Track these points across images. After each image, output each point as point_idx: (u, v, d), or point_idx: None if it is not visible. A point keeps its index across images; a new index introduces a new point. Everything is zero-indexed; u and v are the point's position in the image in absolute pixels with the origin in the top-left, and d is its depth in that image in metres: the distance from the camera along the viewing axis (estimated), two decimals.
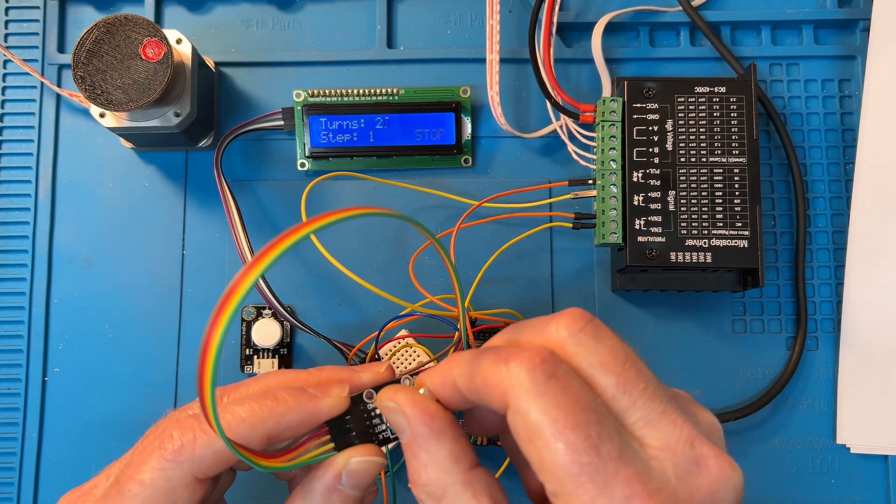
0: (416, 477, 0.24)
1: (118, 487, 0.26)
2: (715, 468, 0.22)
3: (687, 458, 0.21)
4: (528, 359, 0.22)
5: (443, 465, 0.24)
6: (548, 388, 0.21)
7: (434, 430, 0.24)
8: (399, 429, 0.25)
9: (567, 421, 0.21)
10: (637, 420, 0.22)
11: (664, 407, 0.22)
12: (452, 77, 0.43)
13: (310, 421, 0.27)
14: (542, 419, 0.21)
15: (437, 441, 0.24)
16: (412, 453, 0.24)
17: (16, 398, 0.40)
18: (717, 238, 0.37)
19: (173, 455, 0.25)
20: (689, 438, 0.22)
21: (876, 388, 0.40)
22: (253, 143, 0.42)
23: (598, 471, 0.20)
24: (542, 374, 0.21)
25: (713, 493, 0.21)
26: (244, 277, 0.20)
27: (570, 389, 0.21)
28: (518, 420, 0.22)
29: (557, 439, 0.21)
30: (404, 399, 0.25)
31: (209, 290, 0.41)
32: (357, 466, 0.27)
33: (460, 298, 0.29)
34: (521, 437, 0.22)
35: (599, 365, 0.22)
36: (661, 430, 0.22)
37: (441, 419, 0.25)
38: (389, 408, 0.25)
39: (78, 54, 0.35)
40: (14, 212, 0.42)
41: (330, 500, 0.26)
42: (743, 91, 0.38)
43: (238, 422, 0.26)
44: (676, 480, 0.21)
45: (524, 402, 0.21)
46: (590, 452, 0.20)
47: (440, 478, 0.24)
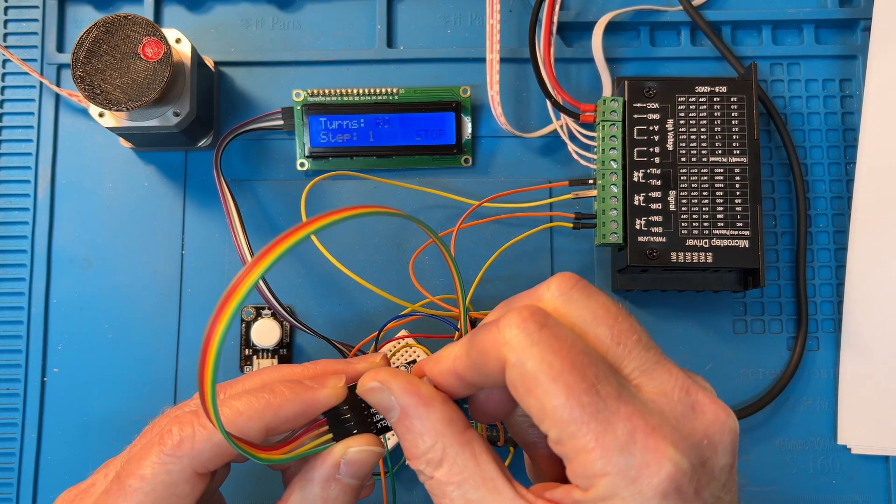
0: (413, 450, 0.24)
1: (119, 483, 0.26)
2: (710, 413, 0.22)
3: (683, 402, 0.22)
4: (516, 315, 0.22)
5: (438, 430, 0.24)
6: (540, 337, 0.22)
7: (423, 398, 0.24)
8: (386, 408, 0.25)
9: (563, 364, 0.21)
10: (633, 369, 0.23)
11: (658, 357, 0.23)
12: (452, 77, 0.43)
13: (307, 412, 0.27)
14: (539, 366, 0.21)
15: (428, 407, 0.24)
16: (405, 428, 0.24)
17: (15, 398, 0.40)
18: (717, 238, 0.37)
19: (173, 450, 0.25)
20: (684, 385, 0.22)
21: (877, 388, 0.40)
22: (252, 143, 0.42)
23: (598, 409, 0.21)
24: (533, 325, 0.22)
25: (709, 436, 0.22)
26: (248, 273, 0.20)
27: (562, 336, 0.22)
28: (515, 374, 0.22)
29: (555, 382, 0.21)
30: (386, 375, 0.25)
31: (209, 291, 0.41)
32: (355, 456, 0.27)
33: (461, 295, 0.29)
34: (519, 390, 0.22)
35: (592, 318, 0.23)
36: (657, 378, 0.22)
37: (426, 388, 0.25)
38: (373, 388, 0.25)
39: (77, 54, 0.35)
40: (13, 212, 0.42)
41: (328, 489, 0.27)
42: (744, 91, 0.38)
43: (236, 415, 0.26)
44: (675, 421, 0.22)
45: (519, 354, 0.22)
46: (589, 392, 0.21)
47: (437, 442, 0.24)
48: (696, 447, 0.22)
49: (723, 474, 0.22)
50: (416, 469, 0.24)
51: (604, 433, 0.21)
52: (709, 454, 0.22)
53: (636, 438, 0.21)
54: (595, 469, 0.21)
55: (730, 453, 0.22)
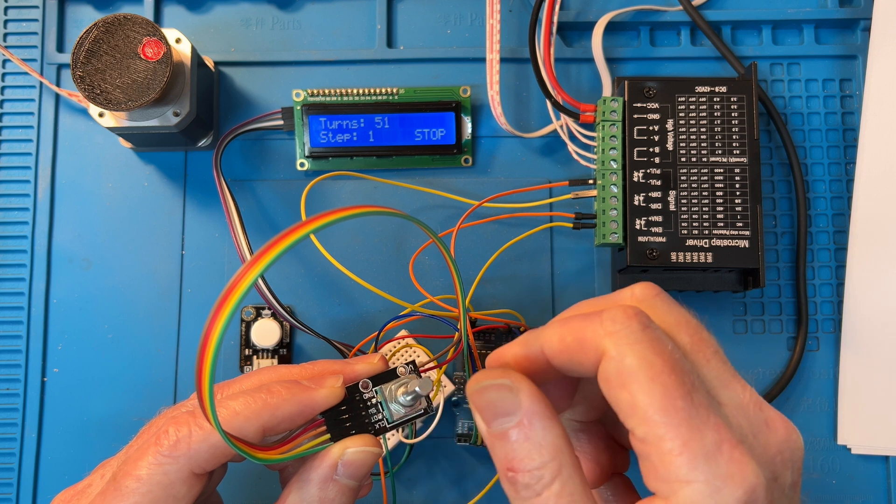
0: (525, 461, 0.22)
1: (115, 484, 0.26)
2: (782, 430, 0.23)
3: (758, 418, 0.23)
4: (622, 311, 0.22)
5: (559, 446, 0.22)
6: (643, 336, 0.22)
7: (549, 409, 0.23)
8: (505, 410, 0.23)
9: (664, 366, 0.21)
10: (712, 379, 0.23)
11: (733, 372, 0.23)
12: (452, 77, 0.43)
13: (304, 412, 0.27)
14: (640, 362, 0.21)
15: (553, 420, 0.23)
16: (524, 436, 0.22)
17: (15, 398, 0.40)
18: (717, 238, 0.37)
19: (169, 450, 0.25)
20: (757, 401, 0.23)
21: (877, 388, 0.40)
22: (252, 143, 0.42)
23: (691, 416, 0.21)
24: (637, 324, 0.22)
25: (781, 453, 0.22)
26: (247, 272, 0.20)
27: (664, 341, 0.22)
28: (612, 366, 0.22)
29: (654, 381, 0.21)
30: (518, 377, 0.23)
31: (208, 290, 0.41)
32: (353, 457, 0.27)
33: (461, 296, 0.29)
34: (612, 383, 0.22)
35: (675, 324, 0.23)
36: (733, 391, 0.23)
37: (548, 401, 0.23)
38: (501, 385, 0.23)
39: (77, 54, 0.35)
40: (13, 212, 0.42)
41: (326, 490, 0.26)
42: (744, 91, 0.38)
43: (233, 415, 0.26)
44: (752, 437, 0.22)
45: (621, 347, 0.22)
46: (686, 398, 0.21)
47: (556, 458, 0.22)
48: (771, 463, 0.22)
49: (790, 491, 0.23)
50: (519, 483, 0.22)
51: (692, 440, 0.21)
52: (780, 471, 0.22)
53: (723, 449, 0.21)
54: (679, 474, 0.21)
55: (796, 471, 0.23)
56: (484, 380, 0.24)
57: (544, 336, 0.24)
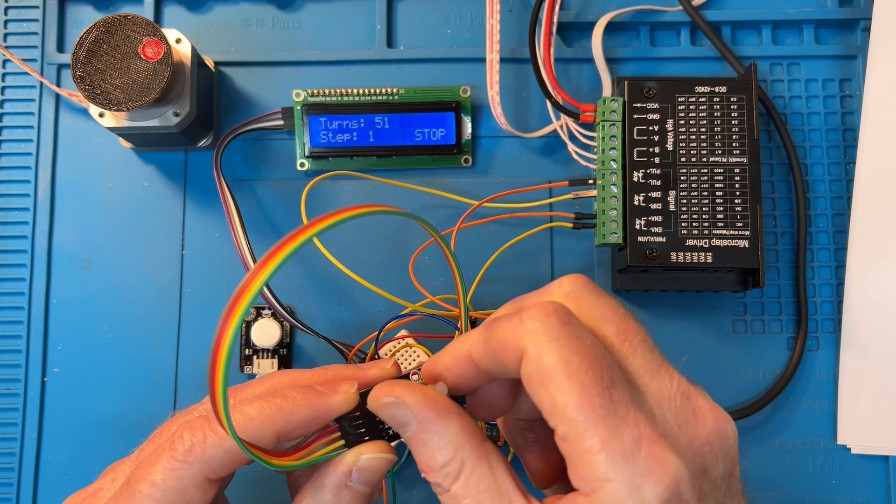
0: (430, 463, 0.24)
1: (129, 488, 0.26)
2: (711, 420, 0.22)
3: (685, 408, 0.22)
4: (541, 308, 0.22)
5: (456, 442, 0.24)
6: (562, 333, 0.22)
7: (440, 411, 0.24)
8: (401, 422, 0.25)
9: (581, 363, 0.21)
10: (637, 369, 0.23)
11: (661, 361, 0.23)
12: (452, 77, 0.43)
13: (319, 418, 0.27)
14: (557, 361, 0.22)
15: (446, 421, 0.24)
16: (421, 441, 0.24)
17: (15, 398, 0.40)
18: (717, 238, 0.37)
19: (184, 455, 0.25)
20: (685, 391, 0.23)
21: (877, 388, 0.40)
22: (252, 143, 0.42)
23: (609, 412, 0.21)
24: (555, 321, 0.22)
25: (710, 443, 0.22)
26: (256, 276, 0.20)
27: (583, 336, 0.22)
28: (532, 366, 0.22)
29: (571, 380, 0.21)
30: (401, 389, 0.25)
31: (208, 291, 0.41)
32: (367, 463, 0.27)
33: (462, 293, 0.29)
34: (533, 382, 0.22)
35: (601, 316, 0.23)
36: (659, 382, 0.23)
37: (443, 400, 0.25)
38: (387, 403, 0.25)
39: (77, 54, 0.35)
40: (13, 212, 0.42)
41: (340, 496, 0.26)
42: (743, 91, 0.38)
43: (247, 420, 0.26)
44: (678, 428, 0.22)
45: (540, 347, 0.22)
46: (603, 395, 0.21)
47: (456, 455, 0.24)
48: (698, 454, 0.22)
49: (723, 481, 0.22)
50: (433, 482, 0.24)
51: (611, 437, 0.21)
52: (710, 461, 0.22)
53: (641, 446, 0.21)
54: (598, 472, 0.21)
55: (730, 460, 0.23)
56: (373, 401, 0.26)
57: (470, 341, 0.25)
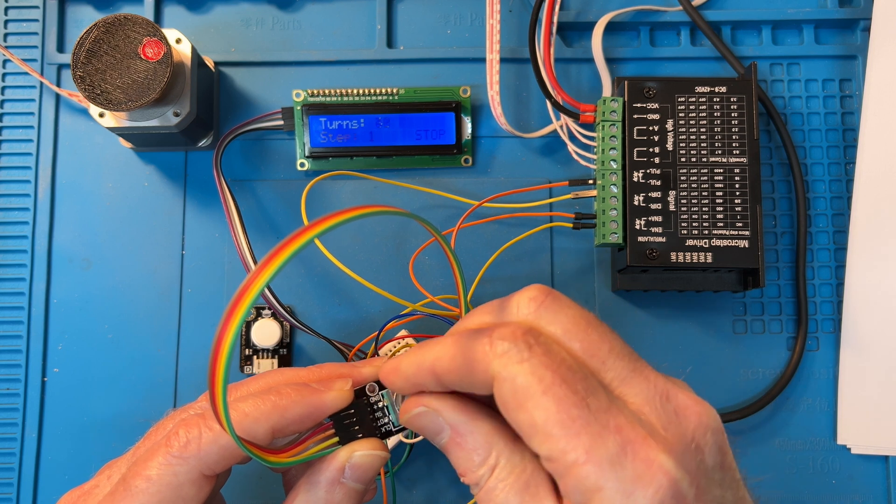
0: (467, 464, 0.24)
1: (125, 484, 0.26)
2: (694, 416, 0.22)
3: (666, 409, 0.22)
4: (510, 331, 0.22)
5: (489, 441, 0.24)
6: (532, 354, 0.22)
7: (470, 412, 0.24)
8: (436, 430, 0.25)
9: (554, 378, 0.21)
10: (612, 380, 0.23)
11: (633, 364, 0.23)
12: (452, 77, 0.43)
13: (314, 415, 0.27)
14: (530, 379, 0.21)
15: (476, 422, 0.24)
16: (457, 445, 0.24)
17: (15, 398, 0.40)
18: (717, 238, 0.37)
19: (180, 451, 0.26)
20: (664, 391, 0.23)
21: (876, 388, 0.40)
22: (252, 143, 0.42)
23: (588, 422, 0.21)
24: (524, 342, 0.22)
25: (696, 439, 0.22)
26: (260, 274, 0.20)
27: (553, 351, 0.22)
28: (506, 388, 0.22)
29: (546, 395, 0.21)
30: (429, 398, 0.25)
31: (208, 291, 0.41)
32: (360, 460, 0.27)
33: (462, 292, 0.29)
34: (510, 406, 0.22)
35: (563, 333, 0.23)
36: (636, 387, 0.23)
37: (471, 402, 0.25)
38: (420, 413, 0.25)
39: (77, 54, 0.35)
40: (13, 212, 0.42)
41: (333, 493, 0.27)
42: (743, 91, 0.38)
43: (242, 417, 0.26)
44: (663, 429, 0.22)
45: (510, 368, 0.22)
46: (579, 405, 0.21)
47: (491, 452, 0.24)
48: (688, 451, 0.22)
49: (716, 473, 0.22)
50: (472, 483, 0.24)
51: (595, 446, 0.21)
52: (700, 457, 0.22)
53: (627, 450, 0.21)
54: (588, 483, 0.21)
55: (718, 451, 0.22)
56: (405, 414, 0.26)
57: (435, 353, 0.24)
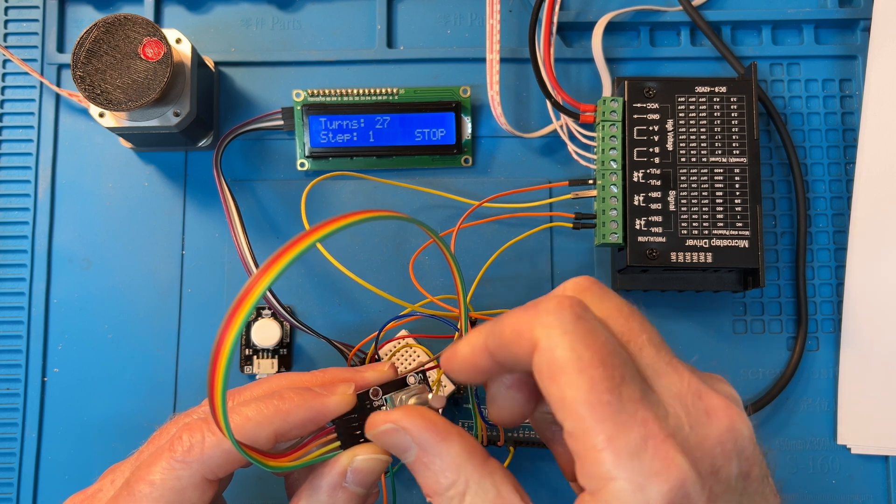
0: (434, 486, 0.24)
1: (128, 489, 0.26)
2: (724, 420, 0.22)
3: (697, 408, 0.22)
4: (556, 301, 0.22)
5: (458, 464, 0.24)
6: (576, 328, 0.22)
7: (440, 433, 0.24)
8: (402, 448, 0.25)
9: (592, 359, 0.21)
10: (646, 368, 0.22)
11: (669, 358, 0.23)
12: (452, 77, 0.43)
13: (316, 419, 0.27)
14: (568, 354, 0.21)
15: (446, 443, 0.24)
16: (423, 465, 0.24)
17: (15, 398, 0.40)
18: (717, 238, 0.37)
19: (183, 456, 0.26)
20: (696, 390, 0.22)
21: (877, 388, 0.40)
22: (253, 143, 0.42)
23: (617, 410, 0.21)
24: (570, 315, 0.22)
25: (722, 444, 0.22)
26: (260, 280, 0.20)
27: (597, 332, 0.22)
28: (543, 358, 0.22)
29: (581, 375, 0.21)
30: (399, 415, 0.25)
31: (208, 291, 0.41)
32: (362, 464, 0.27)
33: (462, 294, 0.29)
34: (543, 375, 0.22)
35: (604, 317, 0.23)
36: (669, 381, 0.22)
37: (442, 422, 0.25)
38: (386, 430, 0.25)
39: (77, 54, 0.35)
40: (13, 212, 0.42)
41: (335, 497, 0.27)
42: (743, 91, 0.38)
43: (245, 421, 0.26)
44: (689, 428, 0.21)
45: (552, 339, 0.22)
46: (612, 392, 0.21)
47: (459, 476, 0.24)
48: (709, 455, 0.21)
49: (739, 482, 0.22)
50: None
51: (617, 435, 0.20)
52: (721, 462, 0.22)
53: (649, 445, 0.20)
54: (603, 471, 0.21)
55: (745, 460, 0.22)
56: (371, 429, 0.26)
57: (486, 331, 0.24)
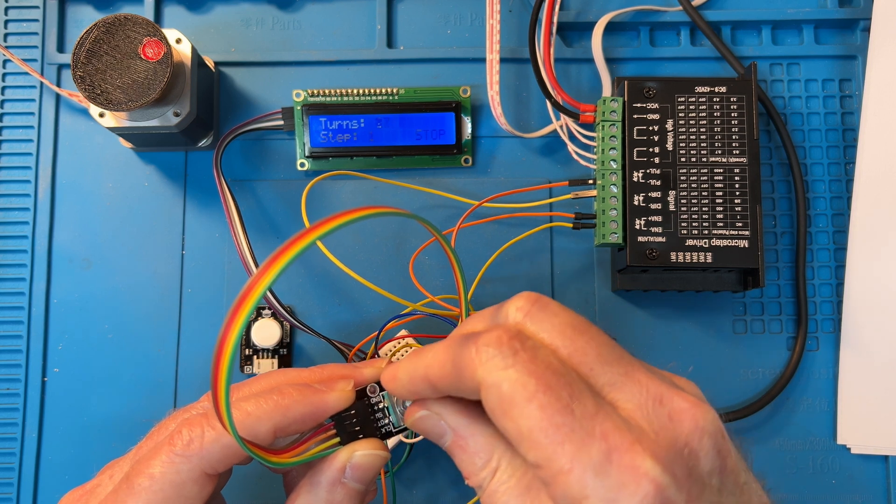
0: (470, 468, 0.24)
1: (128, 482, 0.26)
2: (688, 420, 0.22)
3: (659, 414, 0.22)
4: (495, 337, 0.22)
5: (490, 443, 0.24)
6: (517, 360, 0.22)
7: (472, 417, 0.25)
8: (439, 433, 0.25)
9: (538, 384, 0.21)
10: (602, 385, 0.22)
11: (624, 369, 0.22)
12: (452, 77, 0.43)
13: (315, 414, 0.27)
14: (514, 387, 0.21)
15: (478, 425, 0.24)
16: (459, 448, 0.24)
17: (15, 398, 0.40)
18: (717, 238, 0.37)
19: (182, 450, 0.26)
20: (657, 395, 0.22)
21: (876, 388, 0.40)
22: (253, 143, 0.42)
23: (573, 429, 0.21)
24: (509, 349, 0.22)
25: (690, 444, 0.21)
26: (263, 276, 0.20)
27: (539, 357, 0.22)
28: (492, 395, 0.22)
29: (530, 403, 0.21)
30: (433, 402, 0.25)
31: (208, 290, 0.41)
32: (361, 460, 0.27)
33: (463, 292, 0.29)
34: (496, 413, 0.22)
35: (553, 337, 0.23)
36: (627, 392, 0.22)
37: (473, 406, 0.25)
38: (424, 416, 0.25)
39: (77, 54, 0.35)
40: (13, 212, 0.42)
41: (334, 493, 0.27)
42: (743, 91, 0.38)
43: (244, 416, 0.26)
44: (654, 434, 0.21)
45: (495, 375, 0.22)
46: (563, 413, 0.21)
47: (492, 456, 0.24)
48: (679, 457, 0.21)
49: (713, 479, 0.22)
50: (476, 485, 0.24)
51: (579, 453, 0.20)
52: (693, 462, 0.21)
53: (612, 458, 0.20)
54: (573, 492, 0.20)
55: (716, 455, 0.22)
56: (408, 418, 0.26)
57: (426, 361, 0.24)
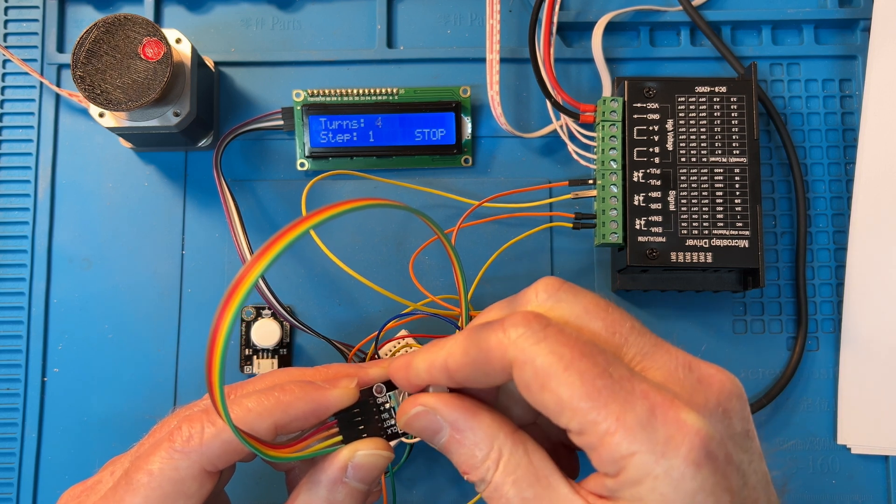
0: (470, 462, 0.24)
1: (127, 479, 0.26)
2: (717, 383, 0.23)
3: (689, 379, 0.23)
4: (521, 316, 0.23)
5: (490, 435, 0.24)
6: (546, 334, 0.22)
7: (469, 409, 0.25)
8: (435, 430, 0.25)
9: (573, 353, 0.22)
10: (634, 355, 0.23)
11: (655, 340, 0.23)
12: (452, 77, 0.43)
13: (317, 411, 0.27)
14: (550, 358, 0.22)
15: (477, 417, 0.24)
16: (457, 443, 0.24)
17: (15, 398, 0.40)
18: (717, 238, 0.37)
19: (182, 446, 0.26)
20: (685, 363, 0.23)
21: (877, 388, 0.40)
22: (252, 143, 0.42)
23: (614, 391, 0.21)
24: (537, 325, 0.22)
25: (722, 403, 0.22)
26: (253, 266, 0.20)
27: (567, 331, 0.22)
28: (527, 372, 0.22)
29: (569, 371, 0.21)
30: (426, 398, 0.25)
31: (208, 290, 0.41)
32: (363, 460, 0.27)
33: (462, 289, 0.29)
34: (533, 388, 0.22)
35: (584, 313, 0.24)
36: (658, 360, 0.23)
37: (469, 400, 0.25)
38: (418, 413, 0.25)
39: (77, 54, 0.35)
40: (13, 212, 0.42)
41: (335, 492, 0.26)
42: (743, 91, 0.38)
43: (245, 411, 0.26)
44: (687, 396, 0.22)
45: (528, 351, 0.22)
46: (603, 376, 0.21)
47: (493, 447, 0.24)
48: (714, 415, 0.22)
49: (743, 440, 0.22)
50: (476, 481, 0.24)
51: (624, 412, 0.21)
52: (727, 421, 0.22)
53: (656, 413, 0.21)
54: (621, 450, 0.21)
55: (744, 420, 0.23)
56: (402, 416, 0.26)
57: (447, 349, 0.24)
